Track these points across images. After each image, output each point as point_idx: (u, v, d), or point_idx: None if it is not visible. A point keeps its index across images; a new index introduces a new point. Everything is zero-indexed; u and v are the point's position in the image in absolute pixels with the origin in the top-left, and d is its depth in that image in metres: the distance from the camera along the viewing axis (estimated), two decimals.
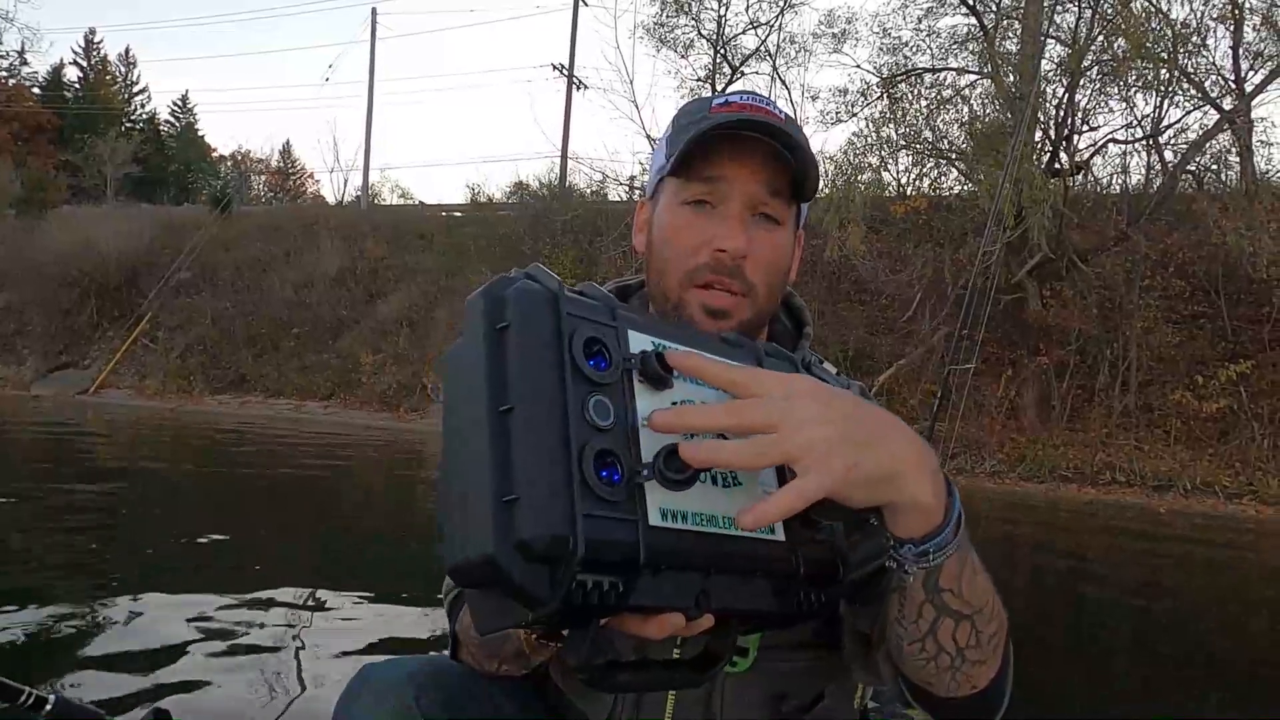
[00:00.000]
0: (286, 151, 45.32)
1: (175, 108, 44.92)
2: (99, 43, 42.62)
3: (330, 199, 31.03)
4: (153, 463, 9.23)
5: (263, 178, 44.45)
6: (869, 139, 13.82)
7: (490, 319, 0.55)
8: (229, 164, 45.20)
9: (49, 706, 1.14)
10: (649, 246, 0.90)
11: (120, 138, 31.00)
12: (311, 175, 44.79)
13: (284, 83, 76.30)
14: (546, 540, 0.50)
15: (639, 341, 0.60)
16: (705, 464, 0.55)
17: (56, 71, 40.98)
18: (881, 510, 0.61)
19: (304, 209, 28.73)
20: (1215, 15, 12.91)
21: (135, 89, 43.82)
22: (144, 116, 43.55)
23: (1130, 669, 3.77)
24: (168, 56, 72.29)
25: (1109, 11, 12.55)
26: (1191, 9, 13.13)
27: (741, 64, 17.79)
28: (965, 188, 13.79)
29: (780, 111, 0.86)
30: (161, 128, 43.79)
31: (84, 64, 42.41)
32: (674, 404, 0.59)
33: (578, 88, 23.62)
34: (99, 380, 19.44)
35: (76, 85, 41.86)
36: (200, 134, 45.74)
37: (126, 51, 44.10)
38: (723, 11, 17.43)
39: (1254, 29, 12.70)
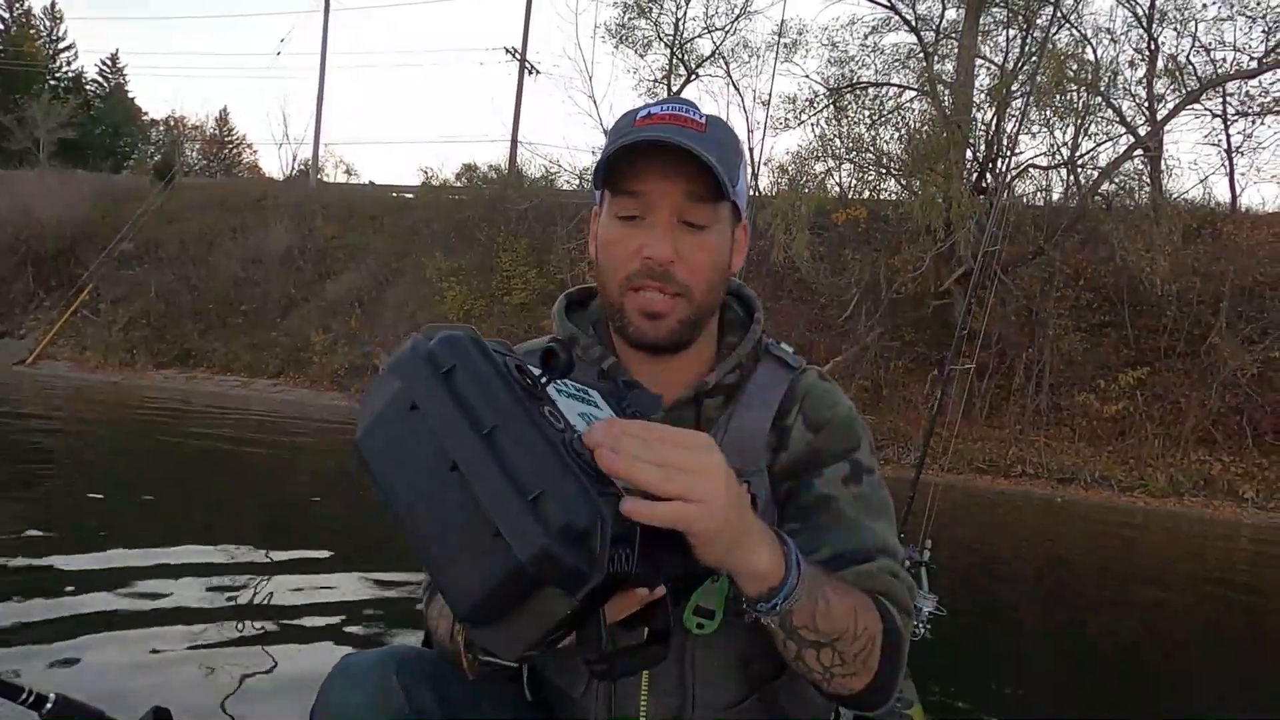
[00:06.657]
0: (223, 119, 44.14)
1: (104, 67, 43.26)
2: None
3: (274, 173, 30.59)
4: (126, 441, 9.39)
5: (197, 145, 43.20)
6: (815, 150, 14.67)
7: (433, 367, 0.60)
8: (160, 129, 43.81)
9: (49, 705, 1.13)
10: (596, 255, 0.96)
11: (55, 100, 29.83)
12: (250, 146, 43.80)
13: (226, 50, 73.34)
14: (586, 519, 0.55)
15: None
16: (621, 474, 0.60)
17: None
18: (729, 573, 0.70)
19: (251, 184, 28.28)
20: (1129, 57, 14.15)
21: (61, 45, 42.04)
22: (69, 75, 41.85)
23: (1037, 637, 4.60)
24: (97, 15, 68.69)
25: (1035, 42, 13.59)
26: (1112, 39, 14.35)
27: (697, 66, 18.39)
28: (903, 198, 14.69)
29: (700, 117, 0.89)
30: (88, 88, 42.13)
31: (6, 16, 40.49)
32: (580, 415, 0.68)
33: (530, 73, 23.90)
34: (38, 350, 19.10)
35: None
36: (130, 96, 44.14)
37: (52, 5, 42.20)
38: (680, 15, 18.02)
39: (1159, 75, 13.92)
